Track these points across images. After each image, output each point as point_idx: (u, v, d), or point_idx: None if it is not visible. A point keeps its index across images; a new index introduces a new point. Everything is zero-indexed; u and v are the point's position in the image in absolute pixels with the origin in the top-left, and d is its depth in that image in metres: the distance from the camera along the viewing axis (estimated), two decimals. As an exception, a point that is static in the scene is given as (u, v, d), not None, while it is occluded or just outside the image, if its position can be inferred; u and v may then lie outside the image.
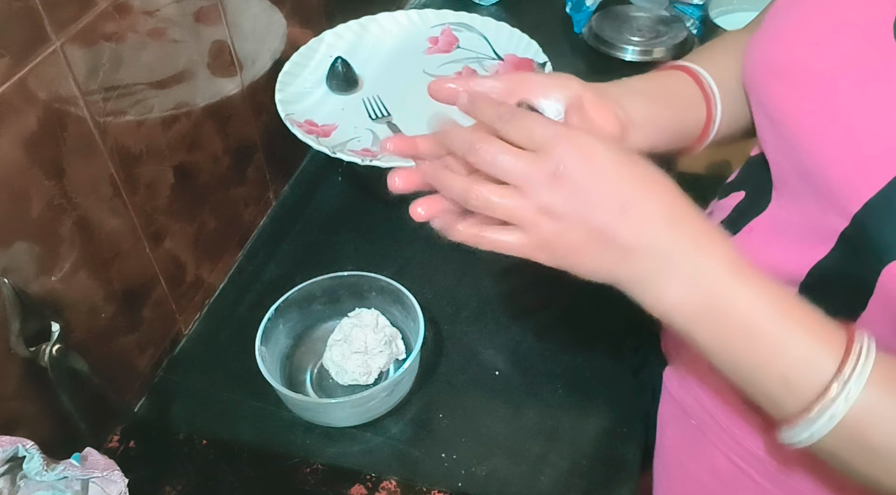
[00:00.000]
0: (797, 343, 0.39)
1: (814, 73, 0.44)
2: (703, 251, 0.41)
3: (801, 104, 0.45)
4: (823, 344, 0.39)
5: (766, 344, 0.40)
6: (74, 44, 0.53)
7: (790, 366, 0.39)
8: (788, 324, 0.40)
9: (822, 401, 0.38)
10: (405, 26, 0.98)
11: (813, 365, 0.39)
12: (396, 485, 0.62)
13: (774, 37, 0.48)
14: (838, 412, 0.38)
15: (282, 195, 0.91)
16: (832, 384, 0.38)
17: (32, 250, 0.53)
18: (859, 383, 0.38)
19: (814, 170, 0.44)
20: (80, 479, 0.51)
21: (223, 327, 0.76)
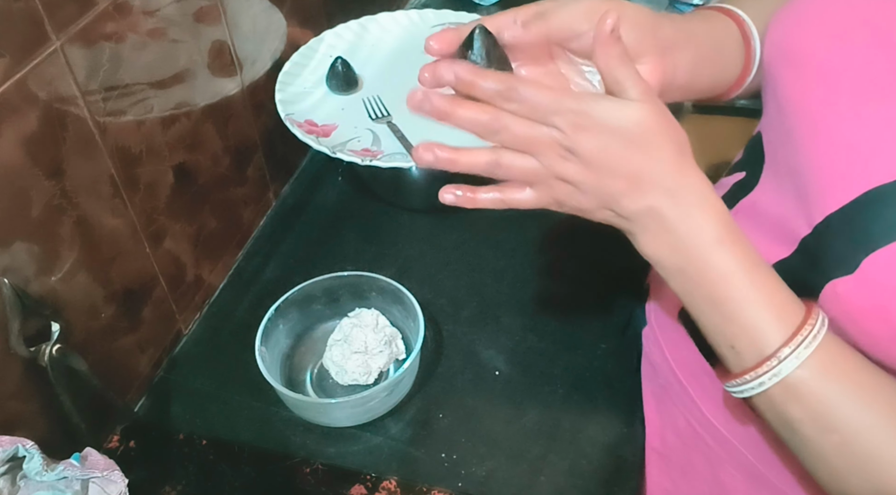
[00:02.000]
0: (750, 317, 0.43)
1: (821, 68, 0.45)
2: (693, 221, 0.43)
3: (803, 96, 0.45)
4: (775, 321, 0.42)
5: (723, 312, 0.44)
6: (74, 44, 0.53)
7: (738, 335, 0.43)
8: (749, 297, 0.43)
9: (756, 371, 0.42)
10: (405, 26, 0.98)
11: (758, 339, 0.42)
12: (396, 485, 0.62)
13: (796, 19, 0.48)
14: (766, 383, 0.42)
15: (282, 195, 0.91)
16: (767, 361, 0.42)
17: (32, 250, 0.53)
18: (793, 364, 0.41)
19: (800, 166, 0.45)
20: (80, 479, 0.51)
21: (223, 327, 0.76)
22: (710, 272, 0.43)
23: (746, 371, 0.43)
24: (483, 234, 0.83)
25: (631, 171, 0.43)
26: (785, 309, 0.43)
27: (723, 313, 0.44)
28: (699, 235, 0.43)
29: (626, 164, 0.43)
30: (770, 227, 0.49)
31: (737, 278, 0.43)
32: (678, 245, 0.44)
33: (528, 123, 0.43)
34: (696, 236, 0.43)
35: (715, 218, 0.44)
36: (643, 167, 0.43)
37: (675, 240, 0.44)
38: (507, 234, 0.84)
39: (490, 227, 0.84)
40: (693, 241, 0.43)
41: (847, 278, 0.40)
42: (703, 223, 0.43)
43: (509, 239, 0.83)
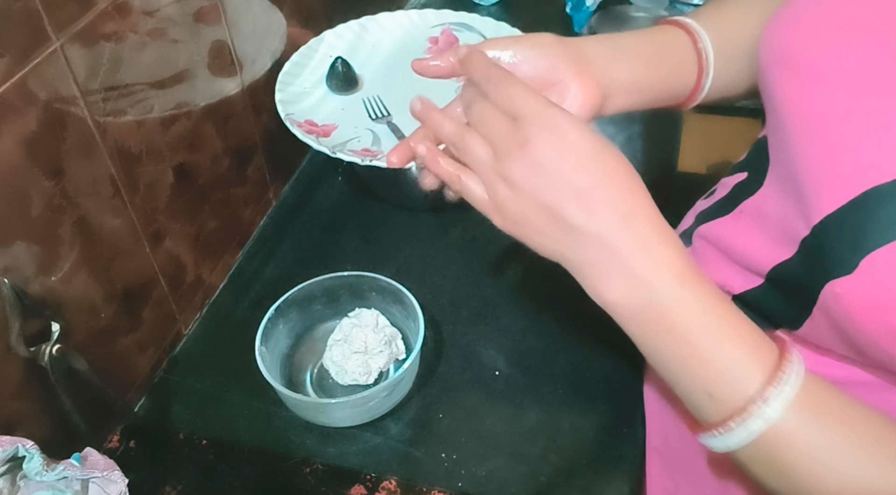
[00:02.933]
0: (725, 357, 0.40)
1: (817, 71, 0.44)
2: (650, 253, 0.41)
3: (799, 100, 0.45)
4: (752, 361, 0.40)
5: (694, 354, 0.41)
6: (74, 44, 0.53)
7: (715, 379, 0.40)
8: (721, 336, 0.40)
9: (741, 417, 0.39)
10: (405, 26, 0.98)
11: (738, 381, 0.40)
12: (396, 485, 0.62)
13: (791, 24, 0.48)
14: (755, 430, 0.39)
15: (282, 195, 0.91)
16: (753, 404, 0.39)
17: (32, 250, 0.53)
18: (781, 405, 0.39)
19: (797, 169, 0.45)
20: (80, 479, 0.51)
21: (223, 327, 0.76)
22: (676, 311, 0.40)
23: (730, 418, 0.40)
24: (483, 234, 0.83)
25: (580, 186, 0.41)
26: (759, 347, 0.41)
27: (695, 357, 0.41)
28: (659, 269, 0.41)
29: (576, 177, 0.41)
30: (773, 228, 0.48)
31: (706, 317, 0.41)
32: (635, 282, 0.41)
33: (496, 111, 0.44)
34: (655, 271, 0.41)
35: (675, 249, 0.41)
36: (594, 184, 0.41)
37: (631, 275, 0.41)
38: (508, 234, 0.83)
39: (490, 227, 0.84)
40: (653, 276, 0.41)
41: (846, 278, 0.39)
42: (663, 255, 0.41)
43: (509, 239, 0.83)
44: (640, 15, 1.14)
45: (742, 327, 0.41)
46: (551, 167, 0.41)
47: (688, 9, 1.12)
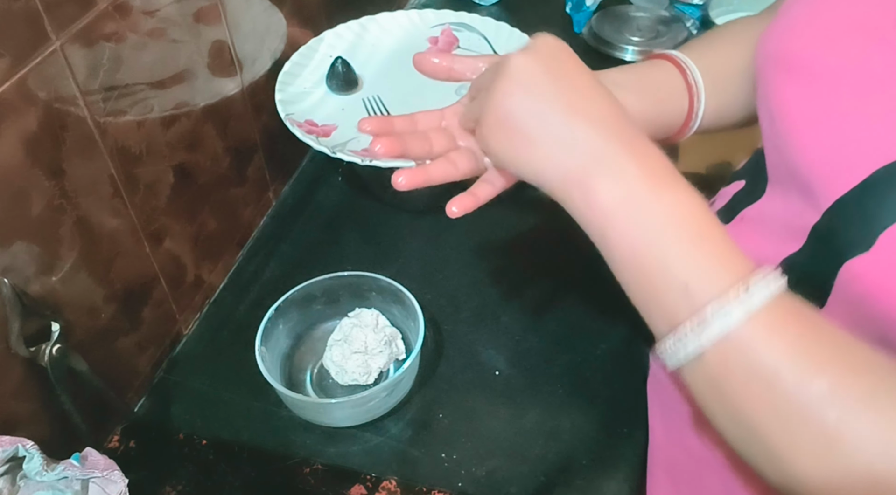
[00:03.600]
0: (707, 250, 0.39)
1: (816, 71, 0.45)
2: (635, 152, 0.42)
3: (799, 100, 0.45)
4: (733, 258, 0.39)
5: (676, 245, 0.40)
6: (74, 44, 0.53)
7: (695, 271, 0.39)
8: (703, 232, 0.40)
9: (721, 300, 0.37)
10: (405, 26, 0.98)
11: (718, 274, 0.38)
12: (396, 485, 0.62)
13: (786, 29, 0.48)
14: (733, 318, 0.37)
15: (282, 195, 0.91)
16: (733, 288, 0.37)
17: (32, 250, 0.53)
18: (765, 292, 0.37)
19: (798, 164, 0.45)
20: (80, 479, 0.51)
21: (223, 327, 0.76)
22: (660, 200, 0.41)
23: (702, 310, 0.37)
24: (483, 234, 0.83)
25: (565, 100, 0.43)
26: (737, 251, 0.40)
27: (676, 248, 0.40)
28: (645, 166, 0.41)
29: (558, 93, 0.43)
30: (777, 228, 0.48)
31: (689, 211, 0.40)
32: (620, 176, 0.41)
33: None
34: (641, 167, 0.41)
35: (654, 153, 0.42)
36: (576, 100, 0.43)
37: (616, 171, 0.41)
38: (507, 234, 0.84)
39: (490, 227, 0.84)
40: (639, 172, 0.41)
41: (863, 256, 0.38)
42: (645, 155, 0.42)
43: (509, 239, 0.83)
44: (640, 15, 1.14)
45: (722, 230, 0.41)
46: (536, 93, 0.43)
47: (687, 8, 1.12)
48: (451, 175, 0.50)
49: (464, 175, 0.51)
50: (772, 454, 0.37)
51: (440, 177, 0.50)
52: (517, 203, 0.54)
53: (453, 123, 0.53)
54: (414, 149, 0.50)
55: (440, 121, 0.54)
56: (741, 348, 0.37)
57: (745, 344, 0.37)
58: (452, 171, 0.50)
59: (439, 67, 0.53)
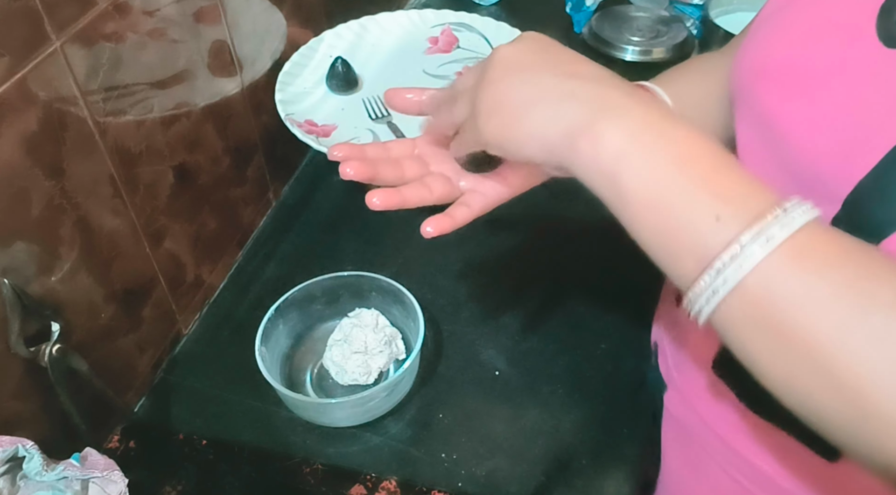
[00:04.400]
0: (733, 179, 0.37)
1: (801, 73, 0.45)
2: (636, 99, 0.40)
3: (789, 102, 0.45)
4: (759, 186, 0.36)
5: (699, 175, 0.37)
6: (74, 44, 0.53)
7: (725, 199, 0.36)
8: (723, 162, 0.37)
9: (759, 226, 0.34)
10: (405, 26, 0.98)
11: (750, 200, 0.36)
12: (396, 485, 0.62)
13: (760, 44, 0.48)
14: (775, 240, 0.34)
15: (282, 195, 0.91)
16: (769, 212, 0.34)
17: (32, 250, 0.53)
18: (804, 215, 0.34)
19: (802, 164, 0.44)
20: (80, 479, 0.51)
21: (223, 327, 0.76)
22: (674, 132, 0.38)
23: (743, 230, 0.34)
24: (483, 234, 0.83)
25: (564, 66, 0.42)
26: (758, 180, 0.37)
27: (700, 177, 0.37)
28: (649, 107, 0.40)
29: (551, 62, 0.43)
30: None
31: (704, 142, 0.38)
32: (628, 114, 0.39)
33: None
34: (645, 107, 0.40)
35: (657, 101, 0.42)
36: (569, 64, 0.43)
37: (623, 112, 0.39)
38: (507, 234, 0.84)
39: (490, 227, 0.84)
40: (645, 109, 0.39)
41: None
42: (644, 100, 0.41)
43: (509, 239, 0.83)
44: (639, 15, 1.14)
45: (737, 161, 0.39)
46: (521, 66, 0.43)
47: (687, 9, 1.12)
48: (425, 198, 0.50)
49: (438, 199, 0.51)
50: (840, 381, 0.33)
51: (415, 200, 0.50)
52: (517, 203, 0.54)
53: (426, 151, 0.53)
54: (385, 174, 0.50)
55: (413, 149, 0.54)
56: (789, 268, 0.34)
57: (795, 262, 0.34)
58: (427, 195, 0.50)
59: (411, 102, 0.53)
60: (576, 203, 0.83)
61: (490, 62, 0.45)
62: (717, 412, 0.55)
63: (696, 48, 1.10)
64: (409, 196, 0.50)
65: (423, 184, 0.51)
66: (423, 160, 0.53)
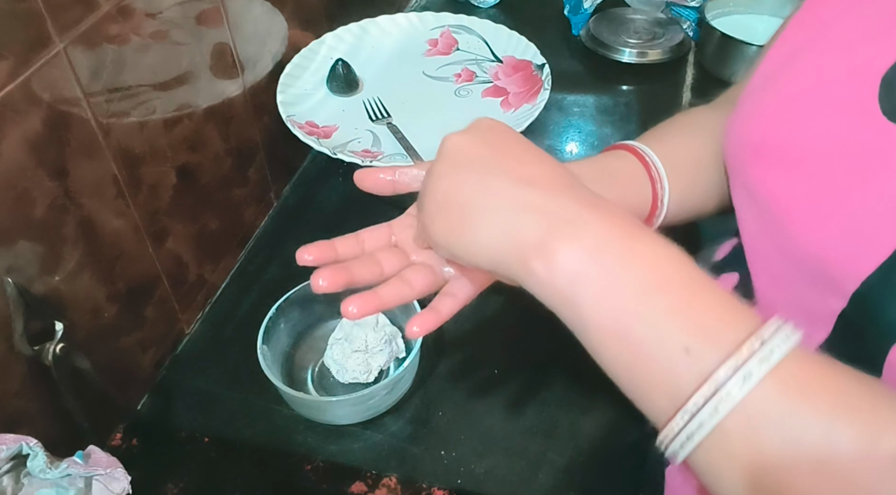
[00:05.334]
0: (703, 303, 0.33)
1: (801, 154, 0.41)
2: (596, 209, 0.36)
3: (790, 187, 0.42)
4: (734, 311, 0.33)
5: (664, 301, 0.33)
6: (78, 46, 0.54)
7: (694, 329, 0.32)
8: (692, 284, 0.34)
9: (734, 361, 0.30)
10: (405, 28, 0.99)
11: (724, 329, 0.32)
12: (396, 482, 0.63)
13: (755, 119, 0.45)
14: (754, 379, 0.30)
15: (283, 195, 0.91)
16: (746, 344, 0.31)
17: (36, 250, 0.54)
18: (784, 345, 0.31)
19: (805, 252, 0.41)
20: (84, 477, 0.52)
21: (225, 326, 0.77)
22: (639, 252, 0.35)
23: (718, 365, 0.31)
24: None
25: (519, 171, 0.38)
26: (736, 302, 0.34)
27: (667, 304, 0.33)
28: (611, 219, 0.36)
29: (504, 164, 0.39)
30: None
31: (673, 260, 0.35)
32: (583, 230, 0.35)
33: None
34: (606, 220, 0.36)
35: (615, 207, 0.37)
36: (525, 170, 0.38)
37: (578, 227, 0.36)
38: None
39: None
40: (606, 224, 0.35)
41: None
42: (607, 211, 0.37)
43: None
44: (637, 17, 1.14)
45: (712, 280, 0.35)
46: (475, 172, 0.40)
47: (683, 11, 1.13)
48: (405, 296, 0.46)
49: (420, 294, 0.46)
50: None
51: (394, 300, 0.45)
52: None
53: (403, 238, 0.49)
54: (362, 275, 0.45)
55: (389, 236, 0.49)
56: (774, 409, 0.30)
57: (779, 400, 0.30)
58: (407, 292, 0.46)
59: (382, 182, 0.49)
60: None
61: (440, 153, 0.41)
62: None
63: (692, 50, 1.11)
64: (388, 297, 0.45)
65: (402, 280, 0.46)
66: (402, 249, 0.48)
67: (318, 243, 0.47)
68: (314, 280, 0.44)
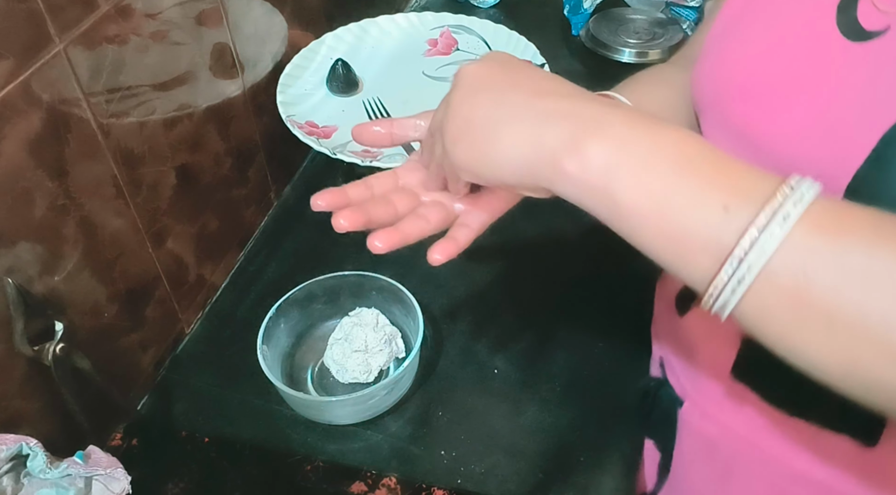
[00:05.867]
0: (733, 169, 0.36)
1: (772, 86, 0.44)
2: (615, 109, 0.39)
3: (765, 117, 0.44)
4: (760, 172, 0.35)
5: (698, 172, 0.36)
6: (77, 46, 0.54)
7: (730, 189, 0.35)
8: (720, 155, 0.36)
9: (771, 207, 0.33)
10: (404, 28, 0.99)
11: (756, 185, 0.34)
12: (396, 482, 0.63)
13: (723, 60, 0.48)
14: (792, 218, 0.32)
15: (283, 196, 0.91)
16: (779, 191, 0.33)
17: (36, 250, 0.54)
18: (812, 192, 0.33)
19: (800, 167, 0.42)
20: (84, 477, 0.52)
21: (225, 326, 0.77)
22: (665, 135, 0.37)
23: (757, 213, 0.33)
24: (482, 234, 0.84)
25: (534, 84, 0.41)
26: (766, 172, 0.36)
27: (701, 174, 0.35)
28: (630, 114, 0.38)
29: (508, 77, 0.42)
30: None
31: (697, 138, 0.37)
32: (610, 124, 0.37)
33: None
34: (628, 114, 0.38)
35: (636, 109, 0.40)
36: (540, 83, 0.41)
37: (604, 123, 0.37)
38: (507, 234, 0.84)
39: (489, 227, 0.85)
40: (629, 117, 0.38)
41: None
42: (629, 109, 0.39)
43: (509, 239, 0.84)
44: (636, 17, 1.14)
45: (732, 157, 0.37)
46: (491, 89, 0.42)
47: (683, 11, 1.13)
48: (424, 230, 0.49)
49: (437, 227, 0.49)
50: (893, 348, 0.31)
51: (415, 234, 0.48)
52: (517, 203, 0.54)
53: (410, 181, 0.51)
54: (378, 215, 0.48)
55: (396, 181, 0.52)
56: (815, 242, 0.32)
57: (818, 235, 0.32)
58: (425, 226, 0.49)
59: (380, 135, 0.52)
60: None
61: (455, 83, 0.43)
62: (742, 419, 0.52)
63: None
64: (409, 231, 0.48)
65: (418, 215, 0.49)
66: (411, 190, 0.51)
67: (329, 189, 0.50)
68: (335, 220, 0.46)
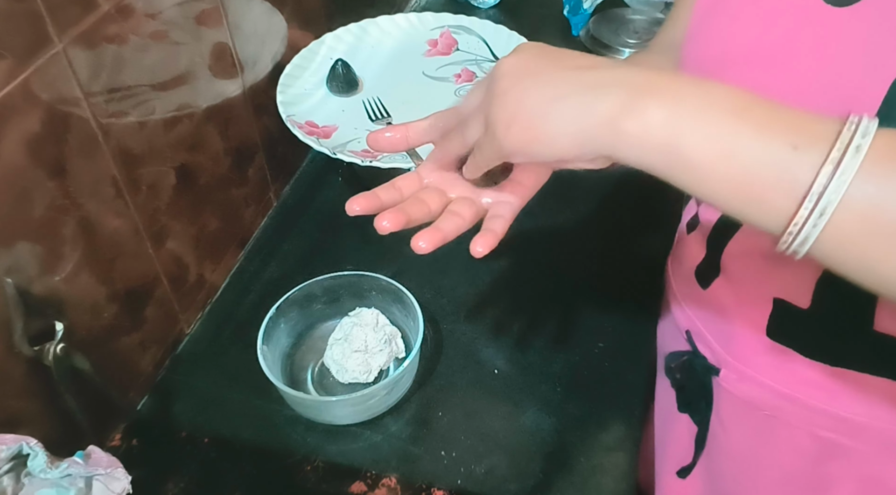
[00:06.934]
0: (791, 113, 0.37)
1: (765, 55, 0.46)
2: (663, 73, 0.40)
3: (763, 86, 0.44)
4: (815, 114, 0.36)
5: (759, 117, 0.37)
6: (77, 46, 0.54)
7: (795, 130, 0.36)
8: (775, 104, 0.37)
9: (841, 141, 0.34)
10: (404, 29, 0.99)
11: (816, 124, 0.35)
12: (396, 483, 0.63)
13: (713, 35, 0.49)
14: (862, 146, 0.34)
15: (282, 195, 0.91)
16: (845, 127, 0.34)
17: (35, 250, 0.54)
18: (872, 127, 0.34)
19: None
20: (84, 477, 0.52)
21: (225, 326, 0.77)
22: (718, 90, 0.38)
23: (828, 148, 0.34)
24: (482, 234, 0.84)
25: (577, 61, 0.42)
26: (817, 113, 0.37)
27: (760, 121, 0.36)
28: (678, 78, 0.39)
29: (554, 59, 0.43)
30: None
31: (747, 91, 0.38)
32: (668, 89, 0.38)
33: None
34: (677, 79, 0.39)
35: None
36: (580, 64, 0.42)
37: (661, 88, 0.39)
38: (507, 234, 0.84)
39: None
40: (680, 80, 0.39)
41: None
42: (675, 73, 0.41)
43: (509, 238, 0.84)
44: (636, 17, 1.14)
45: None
46: (539, 65, 0.43)
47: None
48: (461, 227, 0.49)
49: (471, 222, 0.50)
50: None
51: (454, 231, 0.49)
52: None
53: (435, 179, 0.52)
54: (415, 214, 0.49)
55: (421, 181, 0.53)
56: (889, 167, 0.34)
57: (890, 162, 0.34)
58: (461, 223, 0.49)
59: (395, 141, 0.53)
60: (572, 202, 0.84)
61: (495, 76, 0.44)
62: (782, 375, 0.54)
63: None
64: (447, 229, 0.49)
65: (453, 213, 0.50)
66: (438, 188, 0.52)
67: (363, 194, 0.51)
68: (378, 222, 0.49)
